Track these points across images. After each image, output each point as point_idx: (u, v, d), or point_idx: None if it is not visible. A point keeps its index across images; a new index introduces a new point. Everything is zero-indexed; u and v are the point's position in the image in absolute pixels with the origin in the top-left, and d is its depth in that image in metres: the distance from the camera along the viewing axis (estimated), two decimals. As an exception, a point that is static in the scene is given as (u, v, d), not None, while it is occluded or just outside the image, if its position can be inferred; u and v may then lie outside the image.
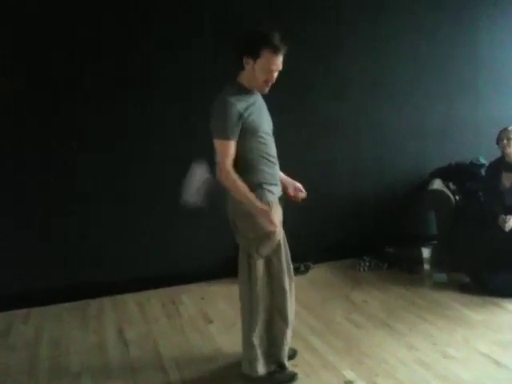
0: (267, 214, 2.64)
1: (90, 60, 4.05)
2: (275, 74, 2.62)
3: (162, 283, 4.39)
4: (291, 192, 3.01)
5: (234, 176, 2.61)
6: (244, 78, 2.66)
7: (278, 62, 2.57)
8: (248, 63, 2.58)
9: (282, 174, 2.98)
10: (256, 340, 2.83)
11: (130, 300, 4.20)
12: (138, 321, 3.83)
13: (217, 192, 2.75)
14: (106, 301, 4.19)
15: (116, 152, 4.21)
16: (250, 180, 2.67)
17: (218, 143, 2.60)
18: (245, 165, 2.67)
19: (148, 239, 4.37)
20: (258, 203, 2.63)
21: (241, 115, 2.56)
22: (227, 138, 2.57)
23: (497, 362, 3.03)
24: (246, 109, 2.59)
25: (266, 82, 2.62)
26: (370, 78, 4.90)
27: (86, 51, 4.03)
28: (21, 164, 4.00)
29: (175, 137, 4.32)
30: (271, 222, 2.65)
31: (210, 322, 3.76)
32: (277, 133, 2.85)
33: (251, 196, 2.63)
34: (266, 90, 2.68)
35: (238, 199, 2.64)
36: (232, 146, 2.59)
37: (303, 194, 3.03)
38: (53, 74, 3.99)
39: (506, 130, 4.24)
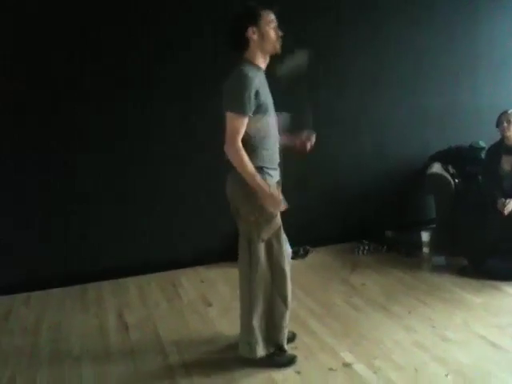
0: (274, 196, 2.61)
1: (90, 60, 4.03)
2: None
3: (162, 267, 4.41)
4: (298, 143, 2.99)
5: (244, 153, 2.55)
6: (251, 53, 2.64)
7: (274, 17, 2.68)
8: (254, 33, 2.60)
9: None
10: (256, 323, 2.84)
11: (130, 284, 4.22)
12: (138, 304, 3.85)
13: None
14: (107, 285, 4.21)
15: (116, 151, 4.21)
16: (252, 162, 2.61)
17: (231, 117, 2.52)
18: (249, 146, 2.61)
19: (149, 222, 4.38)
20: (265, 184, 2.60)
21: (257, 92, 2.53)
22: (243, 112, 2.51)
23: (495, 345, 3.04)
24: (260, 86, 2.57)
25: (278, 38, 2.66)
26: (371, 64, 4.89)
27: (86, 51, 4.01)
28: (21, 163, 4.00)
29: (175, 137, 4.32)
30: (277, 204, 2.63)
31: (210, 305, 3.78)
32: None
33: (258, 177, 2.58)
34: (279, 46, 2.69)
35: (247, 178, 2.57)
36: (245, 122, 2.54)
37: (311, 142, 3.01)
38: (53, 74, 3.97)
39: (506, 112, 4.22)
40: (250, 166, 2.56)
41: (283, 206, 2.67)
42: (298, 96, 3.64)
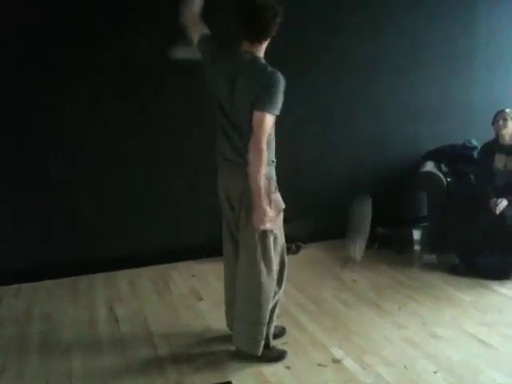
0: (266, 214, 2.57)
1: (93, 50, 3.98)
2: None
3: (153, 260, 4.40)
4: None
5: (266, 156, 2.53)
6: (262, 49, 2.62)
7: None
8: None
9: None
10: (266, 319, 2.82)
11: (121, 277, 4.21)
12: (128, 297, 3.84)
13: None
14: (97, 277, 4.19)
15: (112, 145, 4.20)
16: (268, 155, 2.62)
17: (265, 117, 2.48)
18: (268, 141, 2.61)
19: (141, 216, 4.37)
20: (266, 197, 2.57)
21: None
22: (276, 113, 2.53)
23: (484, 342, 3.08)
24: None
25: None
26: (365, 59, 4.86)
27: (87, 49, 3.98)
28: (20, 153, 4.00)
29: (171, 133, 4.30)
30: (265, 218, 2.58)
31: (201, 299, 3.79)
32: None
33: (265, 187, 2.56)
34: None
35: (255, 179, 2.52)
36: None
37: None
38: (54, 62, 3.95)
39: (503, 111, 4.23)
40: (264, 171, 2.54)
41: (267, 225, 2.63)
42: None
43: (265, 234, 2.72)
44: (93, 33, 3.96)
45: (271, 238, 2.75)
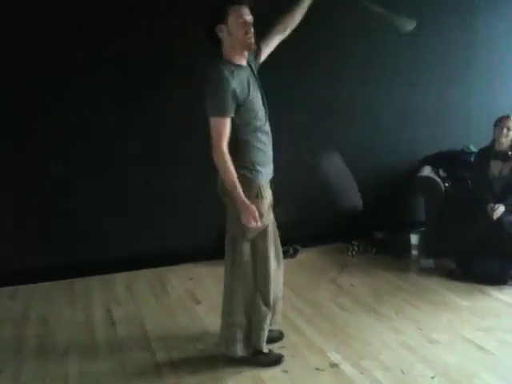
0: (251, 211, 2.57)
1: (93, 50, 3.99)
2: (251, 26, 2.54)
3: (151, 263, 4.39)
4: None
5: (228, 159, 2.53)
6: (226, 51, 2.58)
7: (246, 12, 2.52)
8: (222, 31, 2.53)
9: None
10: (236, 322, 2.83)
11: (119, 279, 4.21)
12: (125, 300, 3.84)
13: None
14: (94, 280, 4.19)
15: (111, 149, 4.20)
16: (243, 159, 2.62)
17: (213, 121, 2.51)
18: (240, 143, 2.60)
19: (139, 219, 4.37)
20: (243, 197, 2.56)
21: (234, 91, 2.50)
22: (223, 114, 2.50)
23: (481, 347, 3.08)
24: (239, 83, 2.53)
25: (246, 35, 2.52)
26: (364, 59, 4.86)
27: (87, 50, 3.99)
28: (19, 155, 4.00)
29: (171, 135, 4.31)
30: (253, 220, 2.57)
31: (198, 302, 3.78)
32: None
33: (239, 186, 2.56)
34: (253, 44, 2.58)
35: (227, 184, 2.57)
36: (228, 124, 2.52)
37: None
38: (55, 62, 3.95)
39: (508, 117, 4.11)
40: (232, 174, 2.54)
41: (258, 224, 2.61)
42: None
43: (235, 240, 2.74)
44: (93, 33, 3.98)
45: (243, 244, 2.75)
